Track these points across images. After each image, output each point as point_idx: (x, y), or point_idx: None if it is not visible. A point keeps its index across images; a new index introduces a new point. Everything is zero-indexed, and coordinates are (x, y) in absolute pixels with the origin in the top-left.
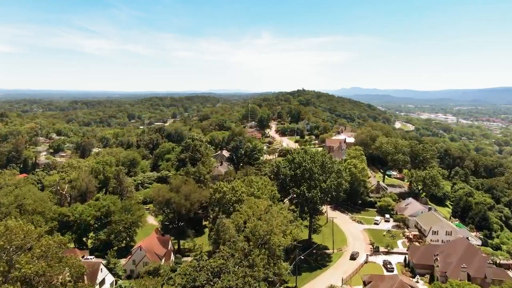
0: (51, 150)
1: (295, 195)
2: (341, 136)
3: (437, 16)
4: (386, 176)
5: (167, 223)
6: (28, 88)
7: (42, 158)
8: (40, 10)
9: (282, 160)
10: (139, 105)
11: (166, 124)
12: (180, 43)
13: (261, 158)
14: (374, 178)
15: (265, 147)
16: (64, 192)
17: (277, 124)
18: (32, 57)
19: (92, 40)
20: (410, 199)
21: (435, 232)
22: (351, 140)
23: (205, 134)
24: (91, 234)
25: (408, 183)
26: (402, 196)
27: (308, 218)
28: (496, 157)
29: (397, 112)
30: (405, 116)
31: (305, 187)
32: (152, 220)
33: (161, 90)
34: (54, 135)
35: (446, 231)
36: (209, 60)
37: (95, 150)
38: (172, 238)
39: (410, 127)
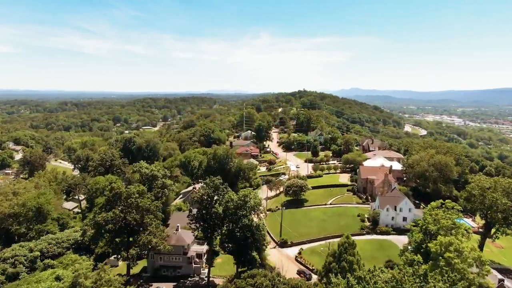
0: None
1: None
2: (379, 159)
3: (436, 17)
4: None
5: None
6: (26, 88)
7: None
8: (40, 10)
9: None
10: (130, 107)
11: (155, 129)
12: (179, 43)
13: (256, 219)
14: (498, 274)
15: (263, 168)
16: None
17: (279, 133)
18: (31, 57)
19: (91, 40)
20: None
21: None
22: (397, 166)
23: (182, 150)
24: None
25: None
26: None
27: None
28: None
29: (400, 114)
30: (411, 118)
31: None
32: None
33: (160, 90)
34: (11, 145)
35: None
36: (208, 60)
37: (52, 164)
38: None
39: (421, 131)
